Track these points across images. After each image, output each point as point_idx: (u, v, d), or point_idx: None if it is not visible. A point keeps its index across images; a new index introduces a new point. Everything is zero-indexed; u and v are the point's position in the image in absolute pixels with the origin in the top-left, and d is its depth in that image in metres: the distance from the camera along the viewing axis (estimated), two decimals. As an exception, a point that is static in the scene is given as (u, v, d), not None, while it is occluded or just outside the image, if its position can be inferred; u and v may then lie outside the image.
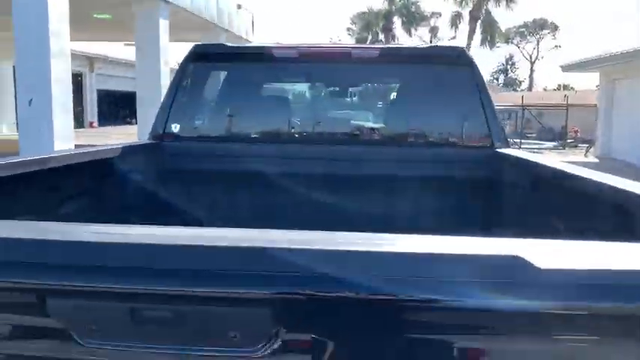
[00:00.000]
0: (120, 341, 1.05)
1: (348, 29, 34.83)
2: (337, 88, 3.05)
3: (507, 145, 2.73)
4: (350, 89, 3.24)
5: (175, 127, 2.74)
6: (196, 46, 2.79)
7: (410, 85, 2.86)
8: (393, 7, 29.75)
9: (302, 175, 2.49)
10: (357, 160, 2.56)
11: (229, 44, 2.99)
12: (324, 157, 2.53)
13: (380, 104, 3.44)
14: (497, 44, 40.84)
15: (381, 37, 31.70)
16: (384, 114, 3.20)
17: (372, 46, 2.83)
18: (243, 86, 2.86)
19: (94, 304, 1.04)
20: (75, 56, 22.90)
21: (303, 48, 2.69)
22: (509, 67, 67.92)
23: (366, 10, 32.31)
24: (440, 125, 2.81)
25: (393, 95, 3.10)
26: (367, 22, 32.49)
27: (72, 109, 11.06)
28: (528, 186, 2.16)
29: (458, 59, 2.68)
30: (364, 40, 34.98)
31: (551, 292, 0.91)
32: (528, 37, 61.63)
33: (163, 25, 15.79)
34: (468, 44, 31.60)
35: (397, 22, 30.51)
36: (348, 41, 34.20)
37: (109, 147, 2.44)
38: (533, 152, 12.75)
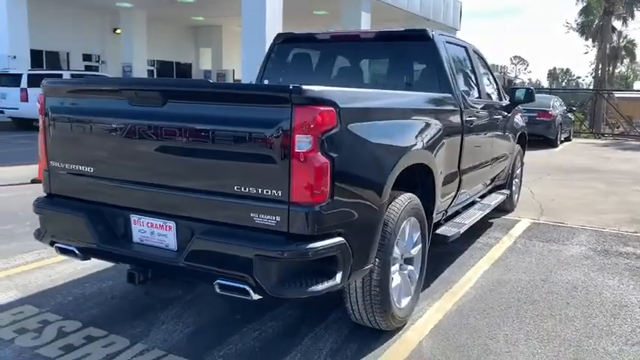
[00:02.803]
0: None
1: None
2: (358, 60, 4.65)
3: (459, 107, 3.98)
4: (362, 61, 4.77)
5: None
6: (277, 34, 4.75)
7: (392, 57, 4.41)
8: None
9: None
10: None
11: (297, 32, 4.79)
12: None
13: (375, 71, 4.84)
14: None
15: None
16: (377, 78, 4.63)
17: (366, 30, 3.97)
18: (306, 60, 4.69)
19: None
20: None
21: (333, 33, 4.48)
22: None
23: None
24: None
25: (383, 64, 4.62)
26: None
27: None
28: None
29: (422, 37, 4.15)
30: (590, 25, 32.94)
31: None
32: None
33: (365, 17, 18.01)
34: None
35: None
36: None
37: None
38: None
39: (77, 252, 2.92)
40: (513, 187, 6.47)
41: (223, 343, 3.01)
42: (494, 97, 5.57)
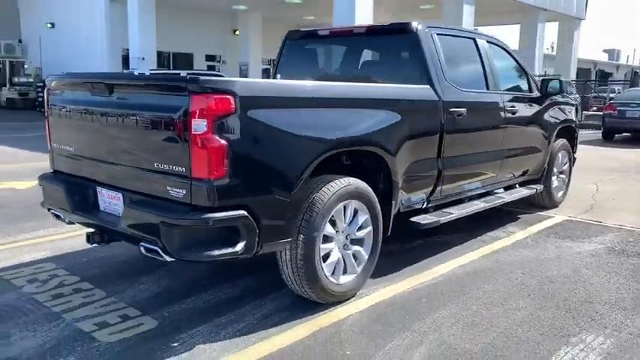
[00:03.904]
0: None
1: None
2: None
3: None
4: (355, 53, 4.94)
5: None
6: (288, 32, 5.10)
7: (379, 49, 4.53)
8: None
9: None
10: None
11: (303, 29, 5.10)
12: None
13: (365, 63, 4.94)
14: None
15: None
16: (367, 70, 4.75)
17: (359, 25, 4.07)
18: (312, 54, 5.00)
19: None
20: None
21: (332, 28, 4.73)
22: None
23: None
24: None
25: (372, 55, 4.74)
26: None
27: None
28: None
29: (404, 31, 4.25)
30: None
31: None
32: None
33: (468, 10, 17.58)
34: None
35: None
36: None
37: None
38: None
39: (62, 217, 3.57)
40: (555, 183, 6.23)
41: (177, 303, 3.48)
42: (518, 88, 5.45)
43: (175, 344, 2.95)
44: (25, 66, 24.40)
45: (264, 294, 3.61)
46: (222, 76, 2.84)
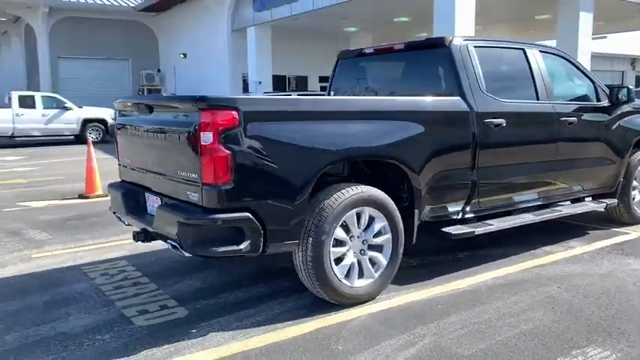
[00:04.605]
0: None
1: None
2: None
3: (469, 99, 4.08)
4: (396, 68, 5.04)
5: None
6: (340, 52, 5.37)
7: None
8: None
9: None
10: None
11: (353, 49, 5.32)
12: None
13: (405, 77, 4.99)
14: None
15: None
16: (406, 83, 4.83)
17: (399, 42, 4.18)
18: (360, 71, 5.22)
19: None
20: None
21: (376, 46, 4.92)
22: None
23: None
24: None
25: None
26: None
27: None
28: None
29: (438, 45, 4.31)
30: None
31: None
32: None
33: (585, 18, 16.59)
34: None
35: None
36: None
37: None
38: None
39: (122, 219, 4.16)
40: (638, 197, 5.81)
41: (211, 297, 3.90)
42: (582, 97, 5.25)
43: (194, 330, 3.35)
44: (162, 92, 27.11)
45: (291, 294, 3.90)
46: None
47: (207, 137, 3.10)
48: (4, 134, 17.03)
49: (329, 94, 5.44)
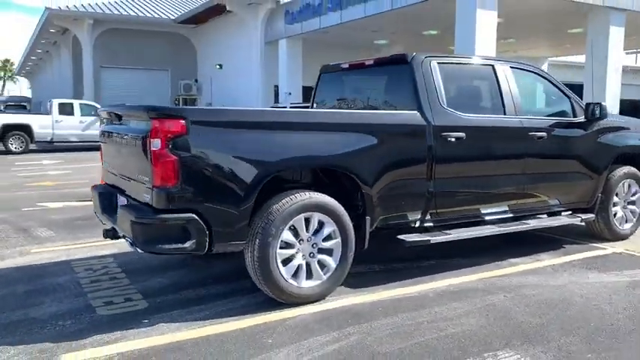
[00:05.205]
0: None
1: None
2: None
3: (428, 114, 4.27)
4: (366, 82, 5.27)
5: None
6: (322, 66, 5.63)
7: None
8: None
9: None
10: None
11: (332, 64, 5.57)
12: None
13: (372, 92, 5.19)
14: None
15: None
16: (373, 97, 5.07)
17: (370, 58, 4.38)
18: (339, 84, 5.47)
19: None
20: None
21: (351, 62, 5.16)
22: None
23: None
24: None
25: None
26: None
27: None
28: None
29: (400, 61, 4.50)
30: None
31: None
32: None
33: (615, 32, 16.33)
34: None
35: None
36: None
37: None
38: None
39: (99, 218, 4.53)
40: (620, 214, 5.82)
41: (173, 293, 4.20)
42: (556, 113, 5.34)
43: (146, 321, 3.65)
44: (197, 102, 27.98)
45: (248, 293, 4.15)
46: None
47: (156, 143, 3.41)
48: (43, 139, 18.02)
49: (312, 107, 5.70)
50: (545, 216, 5.43)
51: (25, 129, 17.67)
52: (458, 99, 4.64)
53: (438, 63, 4.60)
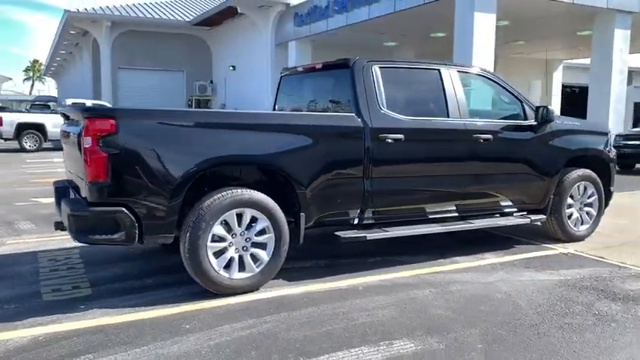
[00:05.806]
0: None
1: None
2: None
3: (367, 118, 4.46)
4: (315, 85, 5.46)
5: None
6: (282, 69, 5.84)
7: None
8: None
9: None
10: None
11: (289, 67, 5.78)
12: None
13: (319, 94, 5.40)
14: None
15: None
16: (320, 99, 5.26)
17: (320, 62, 4.56)
18: (296, 86, 5.69)
19: None
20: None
21: (305, 65, 5.38)
22: None
23: None
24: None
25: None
26: None
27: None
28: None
29: (342, 66, 4.69)
30: None
31: None
32: None
33: (620, 35, 16.18)
34: None
35: None
36: None
37: None
38: None
39: (55, 210, 4.84)
40: (575, 215, 5.91)
41: (120, 282, 4.48)
42: (504, 116, 5.47)
43: (82, 306, 3.92)
44: (212, 103, 28.45)
45: (188, 284, 4.40)
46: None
47: (87, 141, 3.69)
48: (57, 138, 18.61)
49: (273, 109, 5.93)
50: (498, 216, 5.56)
51: (39, 128, 18.29)
52: (399, 102, 4.81)
53: (380, 67, 4.79)
